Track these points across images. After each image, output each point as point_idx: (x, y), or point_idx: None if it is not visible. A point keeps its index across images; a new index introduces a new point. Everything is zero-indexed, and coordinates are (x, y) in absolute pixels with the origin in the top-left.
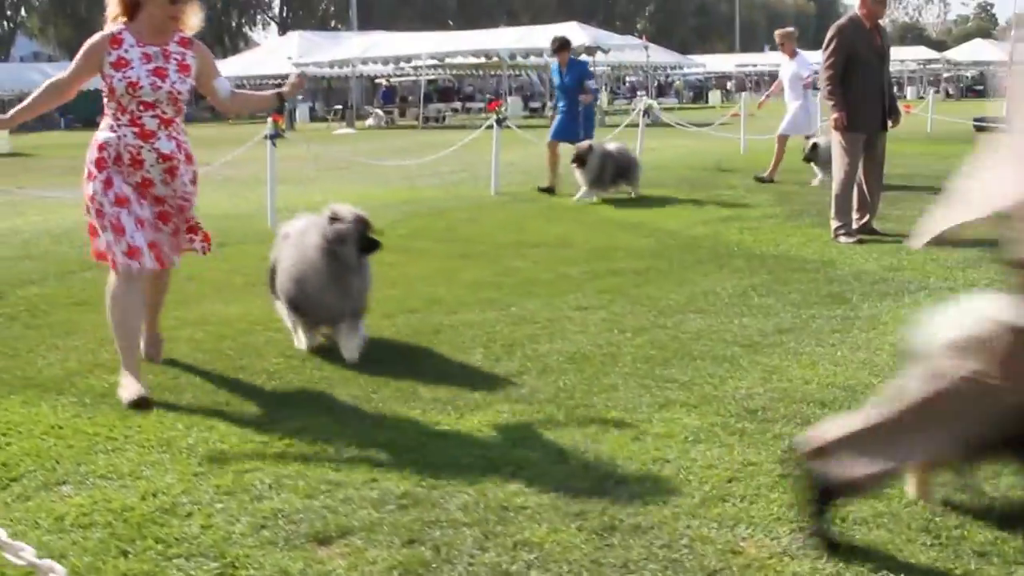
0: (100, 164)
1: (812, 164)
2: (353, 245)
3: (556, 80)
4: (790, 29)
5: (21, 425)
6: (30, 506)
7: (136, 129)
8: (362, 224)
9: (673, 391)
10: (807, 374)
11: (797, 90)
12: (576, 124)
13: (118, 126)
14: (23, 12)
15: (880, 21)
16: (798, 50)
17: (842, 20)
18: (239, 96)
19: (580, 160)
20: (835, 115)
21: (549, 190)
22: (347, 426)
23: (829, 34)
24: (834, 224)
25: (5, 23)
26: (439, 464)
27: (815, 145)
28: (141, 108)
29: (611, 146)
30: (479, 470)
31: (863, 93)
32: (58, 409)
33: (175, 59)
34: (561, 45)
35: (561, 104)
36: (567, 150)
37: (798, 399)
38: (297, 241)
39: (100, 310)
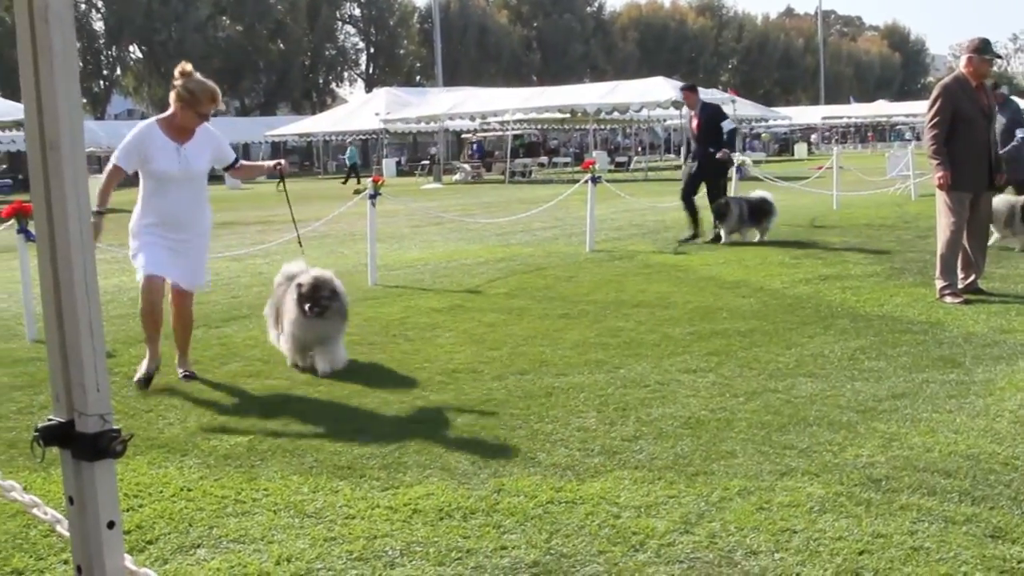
0: None
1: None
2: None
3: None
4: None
5: (151, 487)
6: (168, 569)
7: None
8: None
9: (793, 458)
10: (927, 441)
11: None
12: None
13: None
14: (118, 71)
15: (985, 80)
16: None
17: (947, 79)
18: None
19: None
20: (939, 174)
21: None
22: (470, 491)
23: (934, 93)
24: (939, 284)
25: (101, 82)
26: (565, 532)
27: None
28: None
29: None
30: (606, 539)
31: (969, 152)
32: (184, 471)
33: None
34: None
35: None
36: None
37: (921, 468)
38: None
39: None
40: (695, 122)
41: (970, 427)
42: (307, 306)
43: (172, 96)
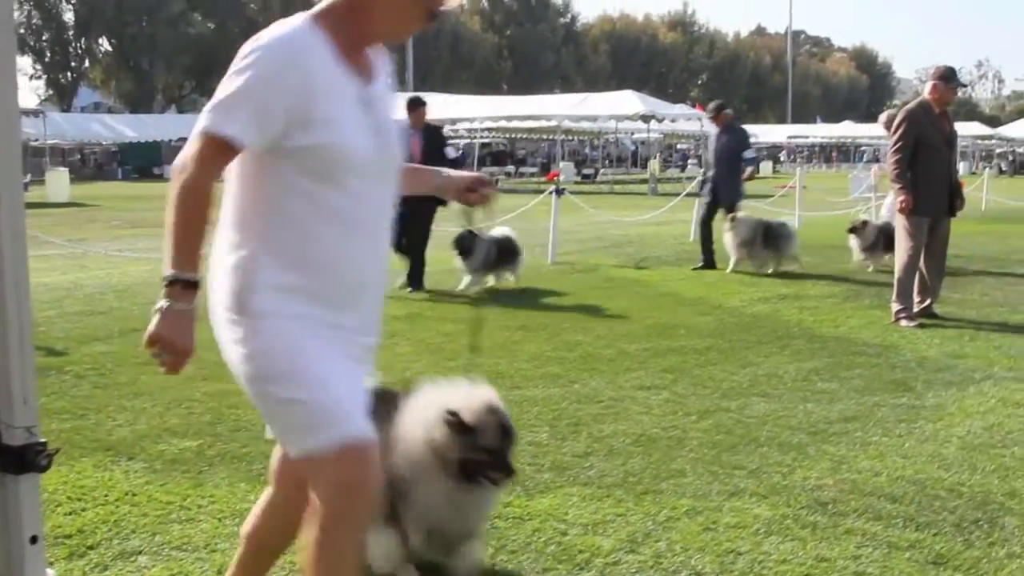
0: None
1: None
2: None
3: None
4: None
5: (95, 490)
6: None
7: None
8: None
9: (742, 479)
10: (876, 465)
11: None
12: None
13: None
14: (86, 63)
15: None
16: None
17: (912, 105)
18: None
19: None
20: (901, 198)
21: None
22: None
23: (899, 118)
24: (895, 307)
25: (68, 74)
26: (511, 548)
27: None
28: None
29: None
30: (551, 556)
31: (930, 178)
32: (130, 474)
33: None
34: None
35: None
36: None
37: (868, 492)
38: None
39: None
40: (417, 146)
41: (918, 452)
42: (489, 471)
43: None
